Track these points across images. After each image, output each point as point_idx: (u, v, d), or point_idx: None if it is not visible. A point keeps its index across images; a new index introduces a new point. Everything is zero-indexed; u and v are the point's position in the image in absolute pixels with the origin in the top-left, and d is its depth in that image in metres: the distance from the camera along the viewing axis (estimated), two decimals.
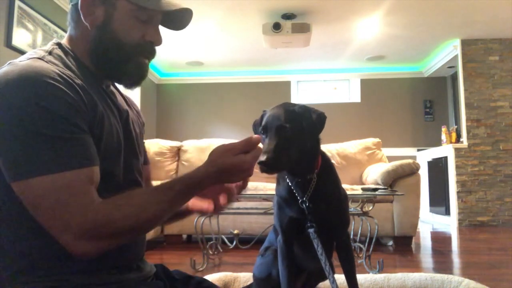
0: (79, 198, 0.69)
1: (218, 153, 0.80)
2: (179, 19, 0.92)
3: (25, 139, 0.67)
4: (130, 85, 0.90)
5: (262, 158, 0.95)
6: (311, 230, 1.08)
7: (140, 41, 0.85)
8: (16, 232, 0.74)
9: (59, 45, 0.84)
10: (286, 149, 1.02)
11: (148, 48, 0.87)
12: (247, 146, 0.81)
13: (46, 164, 0.68)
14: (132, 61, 0.85)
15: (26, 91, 0.68)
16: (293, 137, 1.04)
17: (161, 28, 0.92)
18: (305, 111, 1.10)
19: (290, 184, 1.14)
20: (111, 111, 0.85)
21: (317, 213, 1.12)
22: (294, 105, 1.12)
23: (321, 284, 1.47)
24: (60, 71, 0.74)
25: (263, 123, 1.08)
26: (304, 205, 1.11)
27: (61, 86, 0.71)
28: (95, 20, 0.82)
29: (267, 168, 0.96)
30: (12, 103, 0.68)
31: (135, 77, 0.88)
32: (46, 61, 0.75)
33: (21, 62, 0.74)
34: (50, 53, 0.80)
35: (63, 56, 0.81)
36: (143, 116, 1.07)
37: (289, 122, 1.04)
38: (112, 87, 0.94)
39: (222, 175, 0.79)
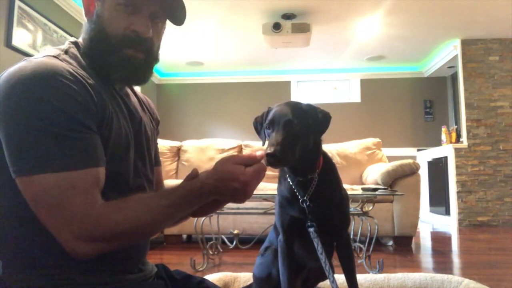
0: (82, 198, 0.69)
1: (221, 161, 0.81)
2: (170, 10, 0.88)
3: (33, 135, 0.68)
4: (121, 80, 0.86)
5: (270, 150, 0.94)
6: (311, 230, 1.08)
7: (125, 32, 0.81)
8: (18, 229, 0.74)
9: (75, 44, 0.84)
10: (292, 144, 1.01)
11: (133, 39, 0.81)
12: (250, 160, 0.81)
13: (51, 162, 0.68)
14: (117, 53, 0.81)
15: (37, 88, 0.69)
16: (299, 134, 1.04)
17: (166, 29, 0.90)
18: (312, 109, 1.10)
19: (291, 183, 1.15)
20: (121, 112, 0.85)
21: (318, 213, 1.12)
22: (301, 103, 1.12)
23: (321, 283, 1.47)
24: (73, 70, 0.74)
25: (270, 117, 1.07)
26: (304, 205, 1.11)
27: (72, 85, 0.72)
28: (91, 15, 0.83)
29: (274, 160, 0.95)
30: (23, 99, 0.68)
31: (124, 71, 0.83)
32: (60, 60, 0.76)
33: (36, 59, 0.74)
34: (66, 52, 0.80)
35: (78, 55, 0.82)
36: (157, 114, 1.06)
37: (296, 118, 1.04)
38: (127, 89, 0.94)
39: (219, 183, 0.78)
